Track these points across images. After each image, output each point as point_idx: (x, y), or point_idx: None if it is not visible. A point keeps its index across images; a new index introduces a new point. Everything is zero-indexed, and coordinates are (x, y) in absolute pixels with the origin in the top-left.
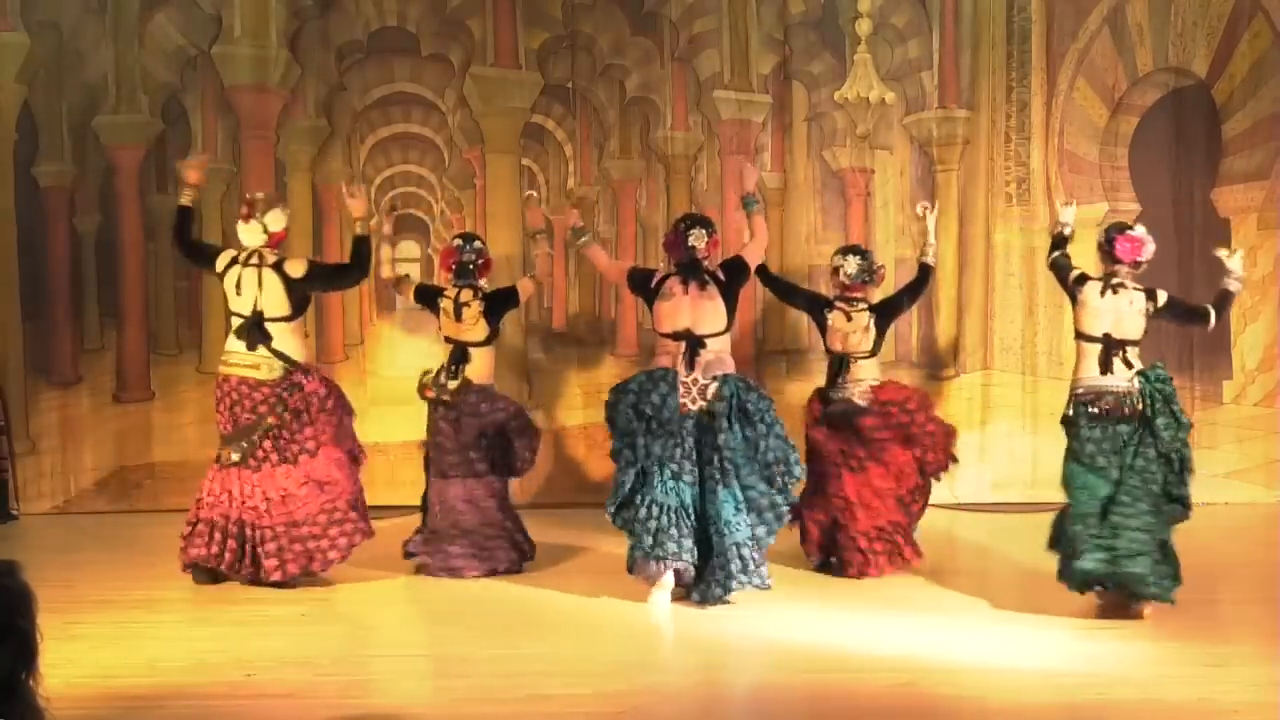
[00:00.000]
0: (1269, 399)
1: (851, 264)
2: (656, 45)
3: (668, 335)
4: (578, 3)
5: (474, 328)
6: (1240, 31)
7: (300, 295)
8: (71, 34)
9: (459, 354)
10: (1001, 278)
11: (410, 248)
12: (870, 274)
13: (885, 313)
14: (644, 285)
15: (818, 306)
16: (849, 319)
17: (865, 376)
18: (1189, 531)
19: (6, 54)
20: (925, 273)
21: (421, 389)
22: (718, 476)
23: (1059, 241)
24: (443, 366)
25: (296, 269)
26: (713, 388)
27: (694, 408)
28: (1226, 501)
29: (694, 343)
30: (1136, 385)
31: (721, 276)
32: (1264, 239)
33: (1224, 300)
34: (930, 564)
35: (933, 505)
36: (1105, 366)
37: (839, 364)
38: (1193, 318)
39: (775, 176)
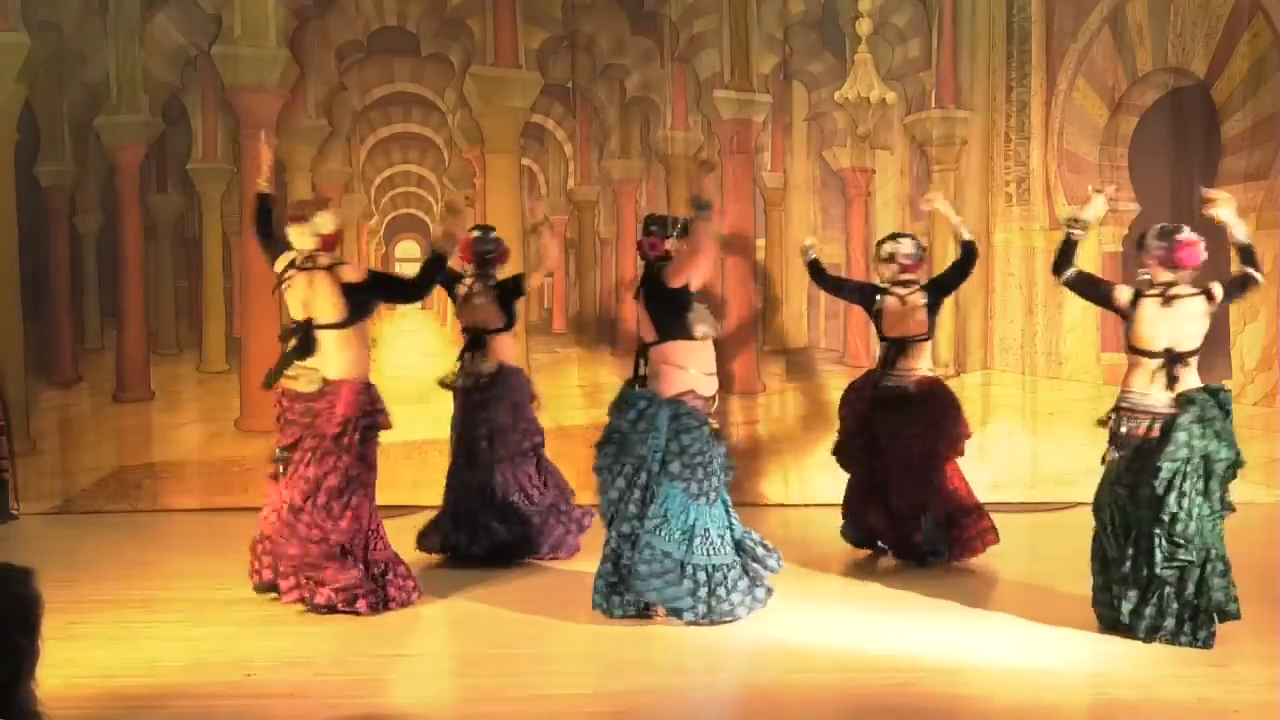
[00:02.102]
0: (1268, 398)
1: (907, 244)
2: (656, 45)
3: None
4: (578, 2)
5: (490, 317)
6: (1240, 31)
7: (354, 302)
8: (72, 34)
9: (475, 341)
10: (1001, 278)
11: (410, 248)
12: (923, 251)
13: (937, 291)
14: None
15: (869, 294)
16: (904, 302)
17: (919, 365)
18: None
19: (7, 54)
20: (970, 249)
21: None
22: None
23: (1069, 249)
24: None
25: (352, 274)
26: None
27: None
28: None
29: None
30: (1173, 408)
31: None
32: (1263, 239)
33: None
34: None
35: None
36: (1170, 382)
37: (895, 349)
38: (1245, 286)
39: (775, 176)
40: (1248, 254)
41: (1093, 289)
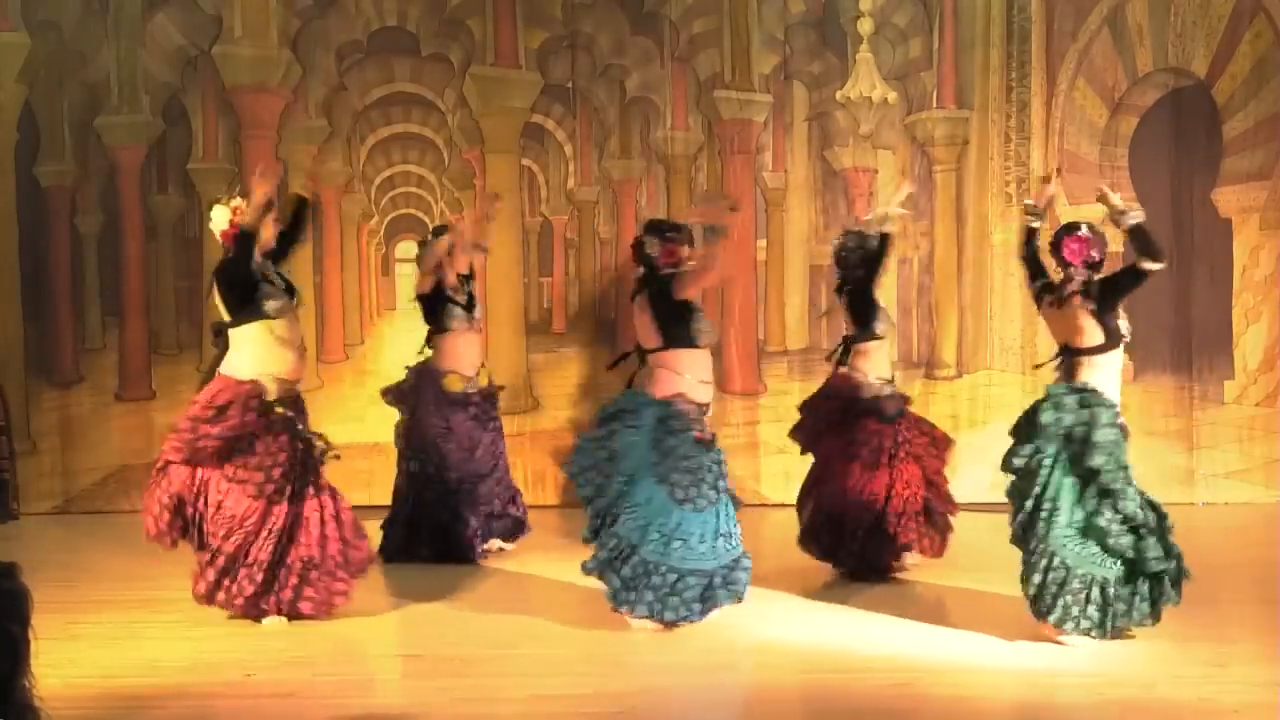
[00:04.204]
0: (1270, 399)
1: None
2: (656, 45)
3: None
4: (578, 2)
5: None
6: (1241, 31)
7: (229, 298)
8: (73, 34)
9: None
10: (1001, 278)
11: (410, 247)
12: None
13: (852, 290)
14: None
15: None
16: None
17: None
18: (1189, 532)
19: (8, 54)
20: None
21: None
22: None
23: (1030, 235)
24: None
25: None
26: None
27: None
28: (1226, 501)
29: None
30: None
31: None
32: (1266, 239)
33: (1139, 241)
34: (930, 563)
35: None
36: (1069, 375)
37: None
38: (1133, 277)
39: (776, 176)
40: (1140, 240)
41: (1031, 266)
